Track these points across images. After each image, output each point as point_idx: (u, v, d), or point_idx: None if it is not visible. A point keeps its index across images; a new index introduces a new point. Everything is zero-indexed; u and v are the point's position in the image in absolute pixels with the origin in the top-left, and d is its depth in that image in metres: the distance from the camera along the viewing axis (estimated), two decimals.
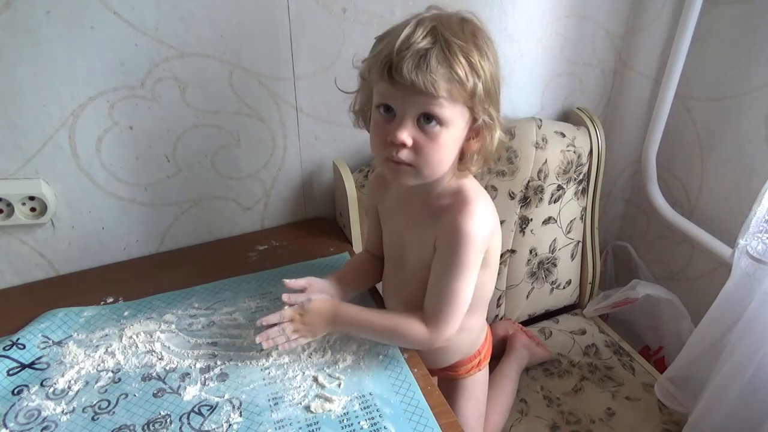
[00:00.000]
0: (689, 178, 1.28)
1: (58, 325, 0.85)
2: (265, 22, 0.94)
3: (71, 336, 0.84)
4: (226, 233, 1.11)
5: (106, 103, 0.90)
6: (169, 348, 0.82)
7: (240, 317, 0.87)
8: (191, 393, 0.74)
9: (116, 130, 0.93)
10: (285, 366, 0.78)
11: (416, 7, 0.72)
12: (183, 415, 0.72)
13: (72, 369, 0.78)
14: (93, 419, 0.71)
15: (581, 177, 1.23)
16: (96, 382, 0.76)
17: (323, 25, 0.97)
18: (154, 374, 0.77)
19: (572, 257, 1.31)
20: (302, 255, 1.03)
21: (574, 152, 1.19)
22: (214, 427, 0.70)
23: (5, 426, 0.70)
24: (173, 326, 0.85)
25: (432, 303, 0.77)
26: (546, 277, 1.28)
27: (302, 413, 0.71)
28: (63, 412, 0.72)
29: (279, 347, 0.76)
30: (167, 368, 0.78)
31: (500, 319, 1.29)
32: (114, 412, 0.72)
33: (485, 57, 0.68)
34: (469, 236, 0.72)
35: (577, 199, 1.25)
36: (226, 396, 0.74)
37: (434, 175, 0.72)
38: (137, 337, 0.83)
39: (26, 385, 0.76)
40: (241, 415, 0.71)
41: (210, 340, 0.83)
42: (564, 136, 1.18)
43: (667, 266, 1.37)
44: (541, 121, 1.16)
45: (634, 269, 1.45)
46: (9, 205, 0.90)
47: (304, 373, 0.77)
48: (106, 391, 0.75)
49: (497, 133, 0.73)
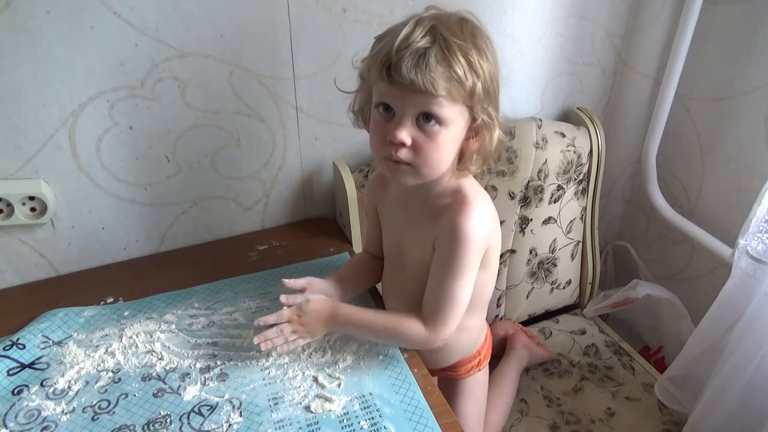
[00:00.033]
0: (689, 178, 1.28)
1: (58, 325, 0.85)
2: (265, 22, 0.94)
3: (71, 336, 0.84)
4: (226, 233, 1.11)
5: (106, 103, 0.91)
6: (169, 348, 0.82)
7: (240, 317, 0.87)
8: (191, 393, 0.74)
9: (116, 130, 0.93)
10: (285, 366, 0.78)
11: (416, 7, 0.72)
12: (183, 415, 0.72)
13: (72, 369, 0.78)
14: (93, 419, 0.71)
15: (581, 177, 1.23)
16: (96, 382, 0.76)
17: (323, 25, 0.97)
18: (154, 374, 0.77)
19: (572, 257, 1.31)
20: (302, 255, 1.03)
21: (574, 152, 1.18)
22: (214, 427, 0.70)
23: (5, 426, 0.70)
24: (173, 326, 0.85)
25: (430, 303, 0.77)
26: (546, 277, 1.28)
27: (302, 413, 0.71)
28: (63, 412, 0.72)
29: (277, 349, 0.76)
30: (167, 368, 0.78)
31: (500, 319, 1.29)
32: (114, 412, 0.72)
33: (484, 56, 0.68)
34: (468, 236, 0.72)
35: (577, 199, 1.25)
36: (226, 396, 0.74)
37: (433, 175, 0.72)
38: (137, 337, 0.83)
39: (26, 385, 0.76)
40: (241, 415, 0.71)
41: (210, 340, 0.83)
42: (564, 136, 1.18)
43: (667, 266, 1.37)
44: (541, 121, 1.16)
45: (634, 269, 1.45)
46: (9, 205, 0.90)
47: (304, 373, 0.77)
48: (106, 391, 0.75)
49: (496, 133, 0.73)
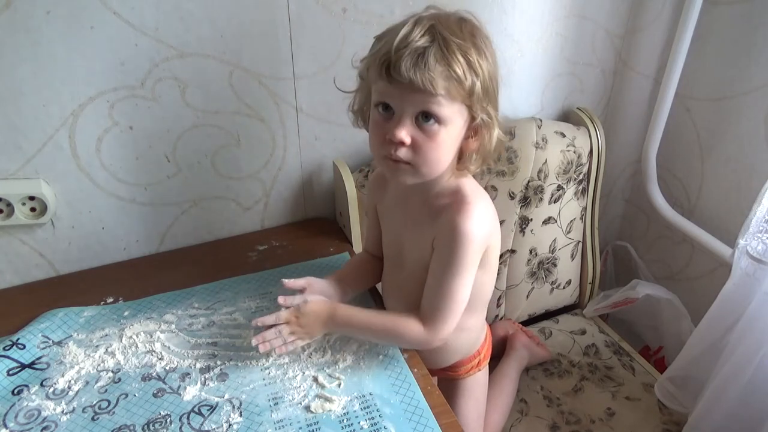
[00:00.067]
0: (689, 178, 1.28)
1: (58, 325, 0.85)
2: (265, 22, 0.94)
3: (71, 336, 0.84)
4: (226, 233, 1.11)
5: (106, 103, 0.91)
6: (169, 348, 0.82)
7: (240, 317, 0.87)
8: (191, 393, 0.74)
9: (116, 130, 0.93)
10: (285, 366, 0.78)
11: (416, 6, 0.72)
12: (183, 415, 0.71)
13: (72, 369, 0.78)
14: (93, 419, 0.71)
15: (581, 177, 1.23)
16: (96, 382, 0.76)
17: (323, 25, 0.97)
18: (154, 374, 0.77)
19: (572, 257, 1.31)
20: (302, 255, 1.03)
21: (574, 152, 1.18)
22: (214, 427, 0.70)
23: (5, 426, 0.70)
24: (173, 326, 0.85)
25: (429, 302, 0.77)
26: (546, 277, 1.28)
27: (302, 413, 0.71)
28: (63, 412, 0.72)
29: (276, 350, 0.76)
30: (167, 368, 0.78)
31: (500, 319, 1.29)
32: (114, 412, 0.72)
33: (483, 56, 0.68)
34: (467, 236, 0.72)
35: (577, 199, 1.25)
36: (226, 396, 0.74)
37: (433, 174, 0.72)
38: (137, 337, 0.83)
39: (26, 385, 0.76)
40: (241, 415, 0.71)
41: (210, 340, 0.83)
42: (564, 136, 1.18)
43: (667, 266, 1.37)
44: (541, 121, 1.16)
45: (634, 269, 1.45)
46: (9, 205, 0.90)
47: (304, 373, 0.77)
48: (106, 391, 0.75)
49: (496, 132, 0.73)
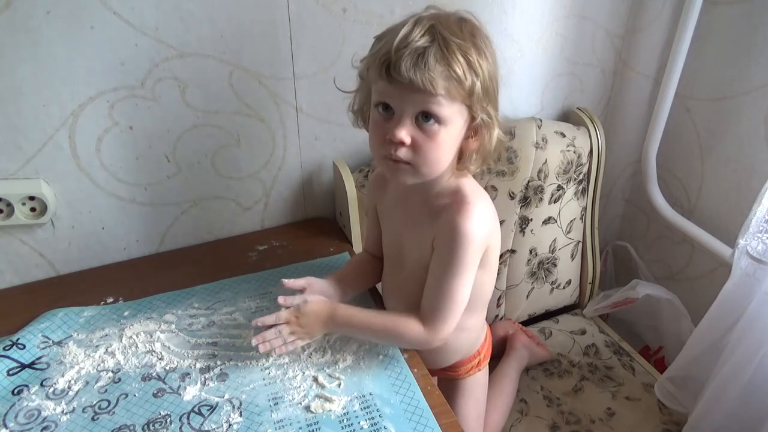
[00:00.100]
0: (689, 178, 1.28)
1: (58, 325, 0.85)
2: (265, 22, 0.94)
3: (71, 336, 0.84)
4: (226, 233, 1.11)
5: (106, 103, 0.91)
6: (169, 348, 0.82)
7: (240, 317, 0.87)
8: (191, 393, 0.74)
9: (116, 130, 0.93)
10: (285, 366, 0.78)
11: (416, 6, 0.72)
12: (183, 415, 0.71)
13: (72, 369, 0.78)
14: (93, 419, 0.71)
15: (581, 177, 1.23)
16: (96, 382, 0.76)
17: (323, 25, 0.97)
18: (154, 374, 0.77)
19: (572, 257, 1.31)
20: (302, 255, 1.03)
21: (574, 152, 1.18)
22: (214, 427, 0.70)
23: (5, 426, 0.70)
24: (173, 326, 0.85)
25: (429, 302, 0.77)
26: (546, 277, 1.28)
27: (302, 413, 0.71)
28: (63, 412, 0.72)
29: (276, 350, 0.76)
30: (167, 368, 0.78)
31: (500, 319, 1.29)
32: (114, 412, 0.72)
33: (483, 56, 0.68)
34: (466, 236, 0.72)
35: (577, 199, 1.25)
36: (226, 396, 0.74)
37: (432, 174, 0.72)
38: (137, 337, 0.83)
39: (26, 385, 0.76)
40: (241, 415, 0.71)
41: (210, 340, 0.83)
42: (564, 136, 1.18)
43: (667, 266, 1.37)
44: (541, 121, 1.16)
45: (634, 269, 1.45)
46: (9, 205, 0.90)
47: (304, 373, 0.77)
48: (106, 391, 0.75)
49: (496, 132, 0.73)
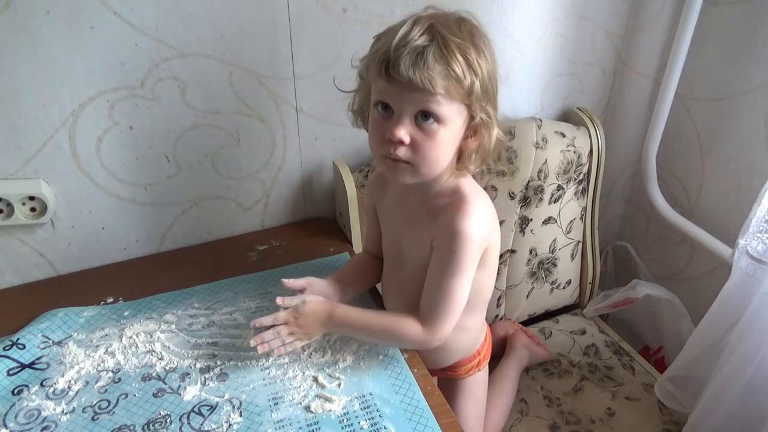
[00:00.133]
0: (689, 178, 1.28)
1: (58, 325, 0.85)
2: (265, 22, 0.94)
3: (71, 336, 0.84)
4: (226, 233, 1.11)
5: (106, 103, 0.91)
6: (169, 348, 0.82)
7: (240, 317, 0.87)
8: (191, 393, 0.74)
9: (116, 130, 0.93)
10: (285, 366, 0.78)
11: (416, 6, 0.72)
12: (183, 415, 0.72)
13: (72, 369, 0.78)
14: (93, 419, 0.71)
15: (581, 177, 1.23)
16: (96, 382, 0.76)
17: (323, 25, 0.97)
18: (154, 374, 0.77)
19: (572, 257, 1.31)
20: (302, 255, 1.03)
21: (574, 152, 1.18)
22: (214, 427, 0.70)
23: (5, 426, 0.70)
24: (173, 326, 0.85)
25: (428, 302, 0.77)
26: (546, 277, 1.28)
27: (302, 413, 0.71)
28: (63, 412, 0.72)
29: (275, 351, 0.76)
30: (167, 368, 0.78)
31: (500, 319, 1.29)
32: (114, 412, 0.72)
33: (482, 55, 0.68)
34: (466, 236, 0.72)
35: (577, 199, 1.25)
36: (226, 396, 0.74)
37: (432, 173, 0.72)
38: (137, 337, 0.83)
39: (26, 385, 0.76)
40: (241, 415, 0.71)
41: (210, 340, 0.83)
42: (564, 136, 1.18)
43: (667, 266, 1.37)
44: (541, 121, 1.16)
45: (634, 269, 1.45)
46: (9, 205, 0.90)
47: (304, 373, 0.77)
48: (106, 391, 0.75)
49: (495, 132, 0.73)
